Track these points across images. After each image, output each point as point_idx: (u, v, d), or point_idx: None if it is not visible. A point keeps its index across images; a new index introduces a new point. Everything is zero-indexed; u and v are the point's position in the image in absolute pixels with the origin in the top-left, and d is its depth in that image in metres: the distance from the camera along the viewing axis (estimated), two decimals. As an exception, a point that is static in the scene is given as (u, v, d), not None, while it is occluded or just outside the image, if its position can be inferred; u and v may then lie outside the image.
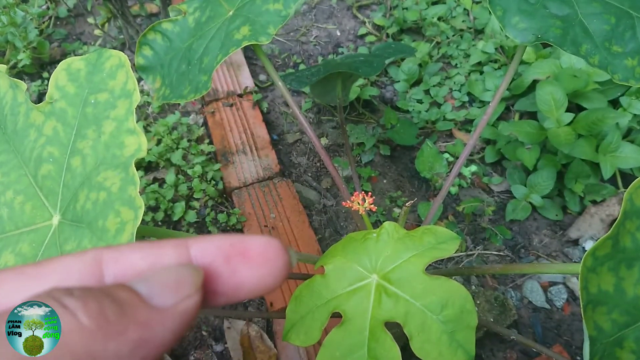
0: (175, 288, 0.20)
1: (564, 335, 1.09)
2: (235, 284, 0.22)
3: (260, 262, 0.22)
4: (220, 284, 0.22)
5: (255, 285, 0.22)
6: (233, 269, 0.22)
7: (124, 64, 0.57)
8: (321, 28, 1.74)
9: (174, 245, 0.22)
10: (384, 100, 1.52)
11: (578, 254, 1.19)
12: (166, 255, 0.22)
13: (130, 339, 0.18)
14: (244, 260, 0.22)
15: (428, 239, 0.67)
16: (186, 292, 0.20)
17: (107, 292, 0.19)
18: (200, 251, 0.22)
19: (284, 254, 0.22)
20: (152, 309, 0.19)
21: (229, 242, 0.22)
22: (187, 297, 0.20)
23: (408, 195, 1.31)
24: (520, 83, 1.38)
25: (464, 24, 1.64)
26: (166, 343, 0.20)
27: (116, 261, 0.21)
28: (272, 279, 0.22)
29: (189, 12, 0.89)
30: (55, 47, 1.67)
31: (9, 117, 0.62)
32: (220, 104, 1.45)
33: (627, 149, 1.17)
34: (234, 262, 0.22)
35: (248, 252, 0.22)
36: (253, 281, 0.22)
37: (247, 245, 0.22)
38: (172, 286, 0.20)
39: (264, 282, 0.22)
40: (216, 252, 0.22)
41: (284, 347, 1.03)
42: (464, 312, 0.62)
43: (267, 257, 0.22)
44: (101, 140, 0.55)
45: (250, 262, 0.22)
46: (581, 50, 0.65)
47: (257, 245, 0.22)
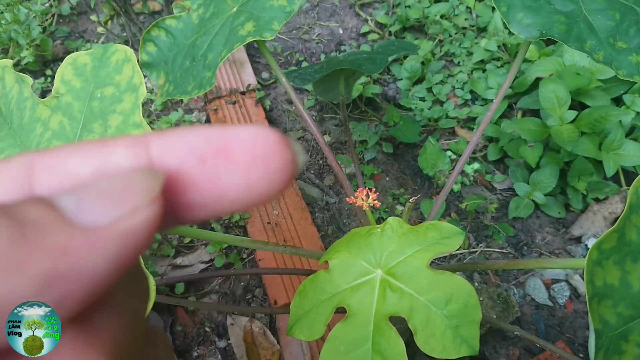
0: (116, 199, 0.15)
1: (566, 332, 1.09)
2: (216, 192, 0.16)
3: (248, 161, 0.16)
4: (195, 193, 0.16)
5: (243, 193, 0.16)
6: (211, 173, 0.16)
7: (129, 59, 0.57)
8: (324, 26, 1.74)
9: (128, 144, 0.16)
10: (386, 98, 1.52)
11: (581, 252, 1.19)
12: (117, 157, 0.16)
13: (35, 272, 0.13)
14: (226, 161, 0.16)
15: (432, 234, 0.67)
16: (132, 204, 0.15)
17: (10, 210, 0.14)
18: (164, 150, 0.16)
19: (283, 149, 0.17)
20: (75, 230, 0.14)
21: (204, 136, 0.16)
22: (134, 211, 0.15)
23: (411, 193, 1.31)
24: (523, 81, 1.38)
25: (467, 22, 1.64)
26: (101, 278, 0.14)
27: (50, 168, 0.16)
28: (267, 184, 0.16)
29: (192, 8, 0.89)
30: (58, 44, 1.67)
31: (15, 111, 0.62)
32: (223, 102, 1.45)
33: (630, 147, 1.18)
34: (212, 163, 0.16)
35: (232, 149, 0.16)
36: (239, 188, 0.16)
37: (230, 139, 0.16)
38: (113, 197, 0.15)
39: (256, 189, 0.16)
40: (187, 151, 0.16)
41: (287, 343, 1.03)
42: (468, 307, 0.62)
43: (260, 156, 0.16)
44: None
45: (237, 163, 0.16)
46: (586, 46, 0.65)
47: (243, 138, 0.16)
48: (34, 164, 0.16)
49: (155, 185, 0.15)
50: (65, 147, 0.16)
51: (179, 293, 1.12)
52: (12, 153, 0.61)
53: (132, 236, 0.15)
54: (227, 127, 0.17)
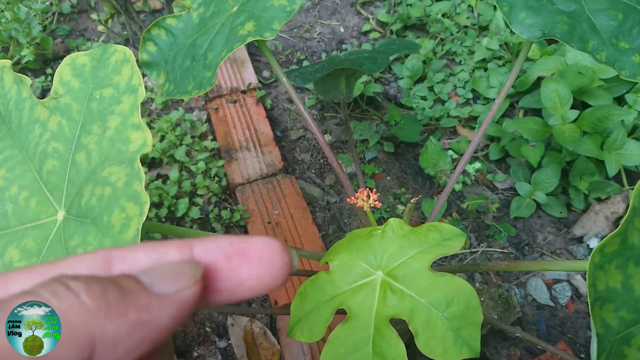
0: (175, 278, 0.22)
1: (568, 332, 1.08)
2: (236, 281, 0.23)
3: (259, 261, 0.23)
4: (221, 281, 0.23)
5: (256, 283, 0.23)
6: (233, 267, 0.23)
7: (128, 59, 0.57)
8: (325, 24, 1.73)
9: (177, 244, 0.23)
10: (387, 97, 1.52)
11: (582, 252, 1.19)
12: (170, 253, 0.23)
13: (130, 320, 0.19)
14: (244, 258, 0.23)
15: (433, 236, 0.67)
16: (185, 283, 0.21)
17: (111, 278, 0.21)
18: (202, 250, 0.23)
19: (284, 254, 0.23)
20: (153, 295, 0.21)
21: (230, 242, 0.23)
22: (186, 287, 0.21)
23: (412, 193, 1.31)
24: (524, 80, 1.37)
25: (468, 21, 1.63)
26: (165, 327, 0.21)
27: (123, 259, 0.23)
28: (272, 277, 0.23)
29: (193, 7, 0.88)
30: (58, 43, 1.67)
31: (14, 112, 0.62)
32: (224, 101, 1.44)
33: (632, 147, 1.17)
34: (235, 260, 0.23)
35: (248, 251, 0.23)
36: (253, 279, 0.23)
37: (247, 245, 0.23)
38: (173, 277, 0.22)
39: (264, 281, 0.23)
40: (217, 251, 0.23)
41: (287, 344, 1.02)
42: (469, 309, 0.62)
43: (266, 256, 0.23)
44: (106, 136, 0.55)
45: (250, 260, 0.23)
46: (588, 47, 0.65)
47: (256, 244, 0.23)
48: (111, 255, 0.23)
49: (198, 272, 0.22)
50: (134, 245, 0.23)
51: (179, 293, 1.12)
52: (10, 154, 0.60)
53: (184, 303, 0.21)
54: (247, 236, 0.24)
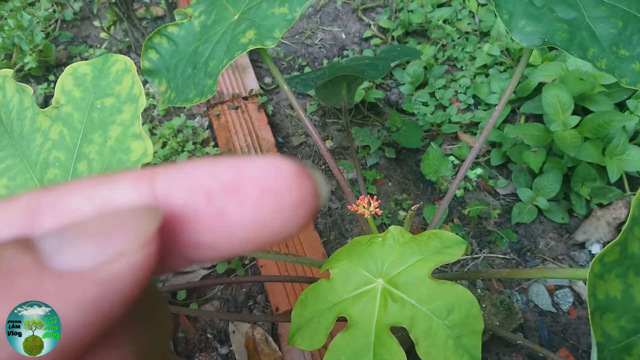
0: (101, 241, 0.13)
1: (570, 339, 1.08)
2: (224, 230, 0.14)
3: (263, 198, 0.14)
4: (201, 232, 0.15)
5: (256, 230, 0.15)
6: (219, 211, 0.14)
7: (129, 69, 0.57)
8: (326, 31, 1.74)
9: (132, 179, 0.15)
10: (389, 102, 1.52)
11: (584, 257, 1.18)
12: (120, 194, 0.15)
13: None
14: (235, 195, 0.14)
15: (434, 244, 0.67)
16: (119, 247, 0.13)
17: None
18: (169, 186, 0.15)
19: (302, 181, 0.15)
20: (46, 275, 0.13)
21: (210, 170, 0.15)
22: (119, 255, 0.13)
23: (413, 198, 1.31)
24: (526, 86, 1.37)
25: (470, 27, 1.63)
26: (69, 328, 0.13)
27: (53, 207, 0.15)
28: (281, 220, 0.14)
29: (194, 15, 0.89)
30: (61, 50, 1.68)
31: (16, 121, 0.62)
32: (226, 107, 1.45)
33: (633, 152, 1.17)
34: (220, 200, 0.14)
35: (241, 182, 0.14)
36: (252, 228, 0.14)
37: (240, 173, 0.14)
38: (98, 239, 0.13)
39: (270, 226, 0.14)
40: (192, 187, 0.15)
41: (289, 351, 1.02)
42: (470, 317, 0.62)
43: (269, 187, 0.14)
44: (107, 145, 0.55)
45: (246, 197, 0.14)
46: (588, 54, 0.65)
47: (254, 170, 0.14)
48: (39, 202, 0.15)
49: (150, 225, 0.14)
50: (69, 184, 0.15)
51: (180, 299, 1.12)
52: (12, 163, 0.61)
53: (115, 283, 0.13)
54: (236, 158, 0.15)
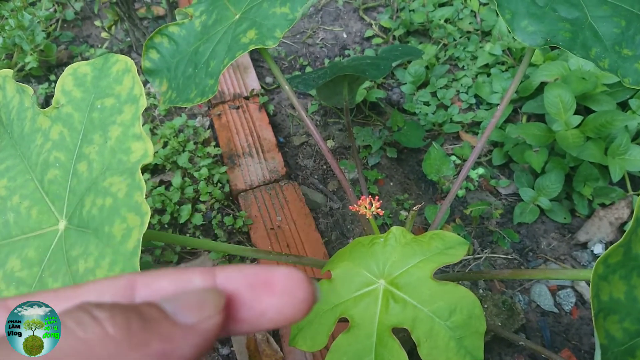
0: (198, 308, 0.22)
1: (572, 339, 1.08)
2: (258, 312, 0.23)
3: (282, 291, 0.23)
4: (243, 311, 0.23)
5: (278, 314, 0.23)
6: (256, 297, 0.23)
7: (130, 69, 0.57)
8: (327, 30, 1.73)
9: (201, 272, 0.23)
10: (390, 102, 1.51)
11: (587, 258, 1.18)
12: (193, 280, 0.23)
13: (153, 350, 0.19)
14: (267, 289, 0.23)
15: (436, 244, 0.66)
16: (207, 313, 0.21)
17: (135, 307, 0.21)
18: (225, 279, 0.23)
19: (307, 286, 0.23)
20: (175, 325, 0.21)
21: (254, 271, 0.23)
22: (208, 317, 0.21)
23: (415, 198, 1.30)
24: (528, 85, 1.37)
25: (471, 26, 1.63)
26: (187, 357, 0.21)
27: (147, 285, 0.23)
28: (294, 310, 0.23)
29: (195, 15, 0.89)
30: (62, 49, 1.68)
31: (16, 121, 0.62)
32: (227, 107, 1.45)
33: (636, 152, 1.16)
34: (257, 290, 0.23)
35: (271, 281, 0.23)
36: (275, 310, 0.23)
37: (271, 275, 0.23)
38: (195, 306, 0.22)
39: (286, 313, 0.23)
40: (240, 280, 0.23)
41: (290, 351, 1.02)
42: (472, 318, 0.61)
43: (289, 287, 0.23)
44: (107, 146, 0.55)
45: (273, 291, 0.23)
46: (591, 54, 0.65)
47: (280, 275, 0.23)
48: (135, 281, 0.23)
49: (220, 301, 0.22)
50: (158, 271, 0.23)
51: (182, 300, 1.11)
52: (12, 163, 0.61)
53: (207, 333, 0.21)
54: (271, 267, 0.23)
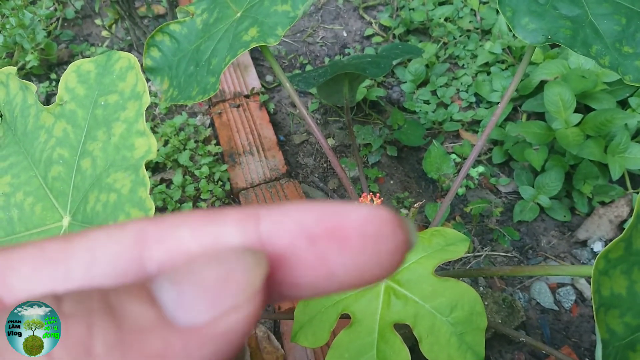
0: (215, 294, 0.14)
1: (572, 336, 1.08)
2: (323, 274, 0.15)
3: (361, 244, 0.15)
4: (302, 274, 0.16)
5: (354, 276, 0.16)
6: (321, 255, 0.15)
7: (133, 66, 0.57)
8: (328, 29, 1.74)
9: (239, 218, 0.16)
10: (390, 101, 1.52)
11: (586, 255, 1.18)
12: (227, 233, 0.15)
13: None
14: (337, 241, 0.15)
15: (437, 241, 0.67)
16: (231, 302, 0.14)
17: (113, 303, 0.14)
18: (274, 227, 0.16)
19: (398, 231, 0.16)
20: (173, 332, 0.13)
21: (315, 215, 0.16)
22: (232, 309, 0.14)
23: (415, 196, 1.31)
24: (527, 84, 1.37)
25: (471, 25, 1.63)
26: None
27: (161, 241, 0.15)
28: (379, 267, 0.16)
29: (196, 13, 0.89)
30: (62, 48, 1.68)
31: (19, 118, 0.62)
32: (227, 105, 1.45)
33: (636, 150, 1.17)
34: (323, 244, 0.15)
35: (343, 230, 0.15)
36: (349, 271, 0.15)
37: (343, 219, 0.15)
38: (212, 291, 0.14)
39: (367, 272, 0.16)
40: (296, 230, 0.16)
41: (291, 348, 1.02)
42: (473, 314, 0.62)
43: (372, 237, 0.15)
44: (111, 142, 0.55)
45: (347, 244, 0.15)
46: (592, 51, 0.65)
47: (357, 219, 0.15)
48: (146, 234, 0.16)
49: (258, 276, 0.14)
50: (176, 217, 0.16)
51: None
52: (16, 160, 0.61)
53: (229, 336, 0.14)
54: (339, 205, 0.16)
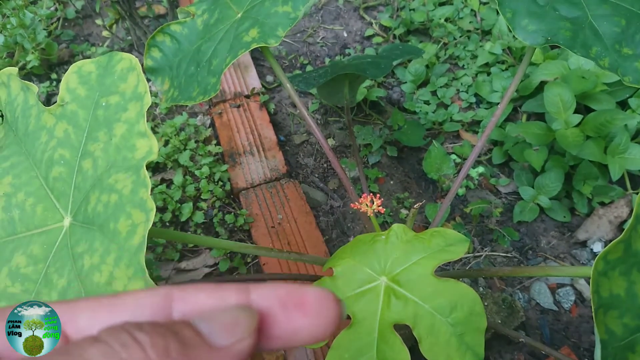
0: (232, 329, 0.22)
1: (572, 337, 1.08)
2: (290, 330, 0.23)
3: (314, 311, 0.23)
4: (276, 329, 0.23)
5: (309, 334, 0.23)
6: (288, 316, 0.23)
7: (134, 67, 0.57)
8: (328, 29, 1.74)
9: (236, 289, 0.24)
10: (391, 101, 1.52)
11: (586, 256, 1.19)
12: (228, 297, 0.24)
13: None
14: (299, 308, 0.23)
15: (437, 242, 0.67)
16: (241, 334, 0.22)
17: (173, 329, 0.21)
18: (259, 296, 0.24)
19: (336, 306, 0.23)
20: (211, 348, 0.21)
21: (287, 290, 0.24)
22: (242, 339, 0.22)
23: (415, 197, 1.31)
24: (527, 84, 1.37)
25: (471, 25, 1.63)
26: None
27: (184, 299, 0.23)
28: (324, 329, 0.23)
29: (197, 14, 0.89)
30: (63, 48, 1.68)
31: (21, 119, 0.62)
32: (228, 105, 1.45)
33: (635, 151, 1.17)
34: (290, 309, 0.23)
35: (304, 300, 0.23)
36: (306, 329, 0.23)
37: (304, 294, 0.23)
38: (230, 327, 0.22)
39: (317, 332, 0.23)
40: (274, 298, 0.24)
41: (291, 348, 1.03)
42: (473, 315, 0.62)
43: (320, 307, 0.23)
44: (112, 143, 0.55)
45: (305, 311, 0.23)
46: (591, 53, 0.65)
47: (312, 295, 0.23)
48: (172, 294, 0.23)
49: (253, 321, 0.22)
50: (195, 286, 0.24)
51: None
52: (17, 161, 0.61)
53: (240, 356, 0.22)
54: (303, 286, 0.24)
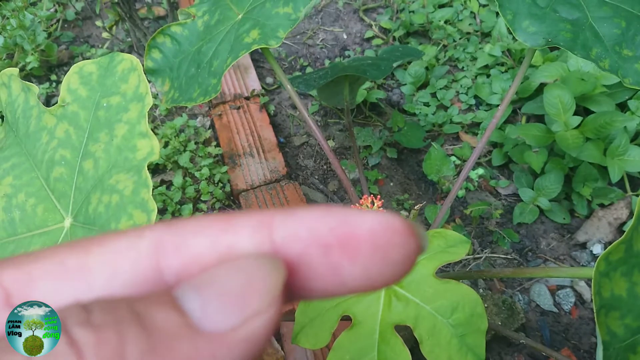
0: (238, 301, 0.14)
1: (572, 339, 1.08)
2: (336, 281, 0.16)
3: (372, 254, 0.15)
4: (314, 281, 0.16)
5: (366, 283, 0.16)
6: (334, 265, 0.15)
7: (136, 68, 0.57)
8: (328, 31, 1.74)
9: (252, 224, 0.16)
10: (390, 103, 1.52)
11: (586, 258, 1.19)
12: (241, 241, 0.16)
13: None
14: (349, 251, 0.15)
15: (438, 243, 0.67)
16: (254, 307, 0.14)
17: (140, 312, 0.14)
18: (287, 235, 0.16)
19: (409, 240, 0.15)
20: (200, 339, 0.14)
21: (328, 225, 0.15)
22: (255, 315, 0.14)
23: (415, 199, 1.31)
24: (527, 86, 1.37)
25: (471, 27, 1.64)
26: None
27: (177, 249, 0.16)
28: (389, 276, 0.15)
29: (198, 15, 0.89)
30: (63, 49, 1.68)
31: (21, 119, 0.62)
32: (228, 107, 1.45)
33: (635, 153, 1.17)
34: (335, 255, 0.15)
35: (356, 240, 0.15)
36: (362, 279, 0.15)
37: (355, 231, 0.15)
38: (234, 298, 0.14)
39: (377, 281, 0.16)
40: (310, 239, 0.15)
41: (291, 350, 1.02)
42: (474, 316, 0.62)
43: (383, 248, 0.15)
44: (113, 144, 0.55)
45: (358, 254, 0.15)
46: (591, 54, 0.65)
47: (369, 229, 0.15)
48: (163, 242, 0.16)
49: (277, 283, 0.15)
50: (192, 224, 0.16)
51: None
52: (18, 161, 0.61)
53: (252, 341, 0.14)
54: (351, 213, 0.16)
